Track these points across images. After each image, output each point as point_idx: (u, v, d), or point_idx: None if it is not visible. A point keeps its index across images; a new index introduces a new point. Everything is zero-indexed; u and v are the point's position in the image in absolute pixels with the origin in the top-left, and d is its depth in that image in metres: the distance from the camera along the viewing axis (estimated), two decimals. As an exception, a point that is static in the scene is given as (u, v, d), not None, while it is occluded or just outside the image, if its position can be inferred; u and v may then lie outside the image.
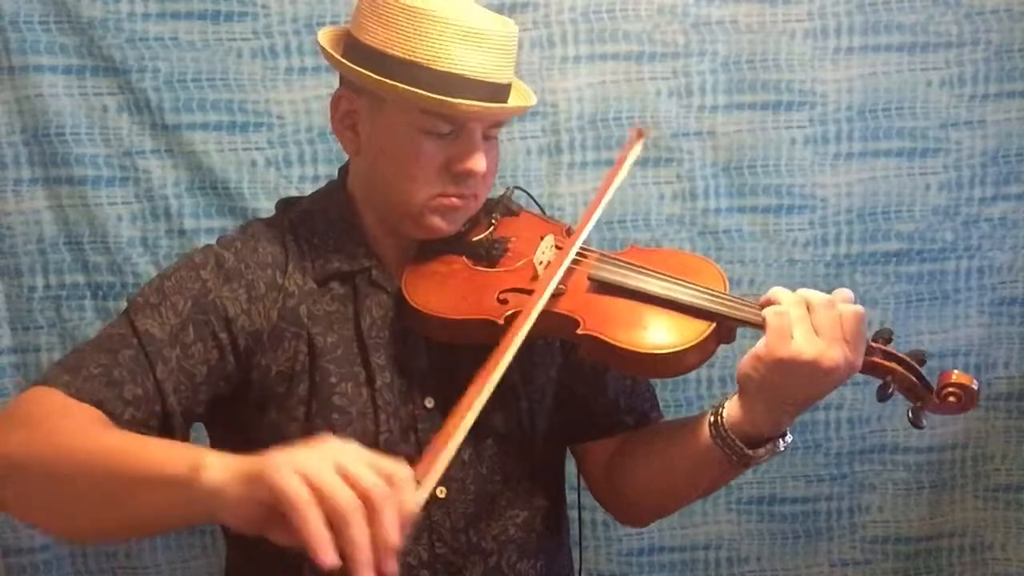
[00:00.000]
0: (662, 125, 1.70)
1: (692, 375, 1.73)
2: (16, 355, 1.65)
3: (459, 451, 1.16)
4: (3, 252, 1.63)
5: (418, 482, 0.85)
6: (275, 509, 0.78)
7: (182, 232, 1.65)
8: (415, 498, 0.82)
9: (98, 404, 1.04)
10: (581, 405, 1.27)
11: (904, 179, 1.73)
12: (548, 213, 1.63)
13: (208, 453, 0.85)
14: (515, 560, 1.22)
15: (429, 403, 1.18)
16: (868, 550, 1.82)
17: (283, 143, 1.66)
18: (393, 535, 0.77)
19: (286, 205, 1.28)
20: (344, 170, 1.27)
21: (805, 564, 1.82)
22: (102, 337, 1.12)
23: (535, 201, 1.33)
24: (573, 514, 1.34)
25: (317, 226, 1.22)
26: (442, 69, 1.09)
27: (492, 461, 1.20)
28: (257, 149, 1.66)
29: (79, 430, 0.98)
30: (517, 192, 1.32)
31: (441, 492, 1.17)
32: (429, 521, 1.17)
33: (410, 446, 1.16)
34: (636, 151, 1.27)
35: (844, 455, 1.79)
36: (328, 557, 0.75)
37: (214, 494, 0.82)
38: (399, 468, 0.80)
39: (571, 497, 1.34)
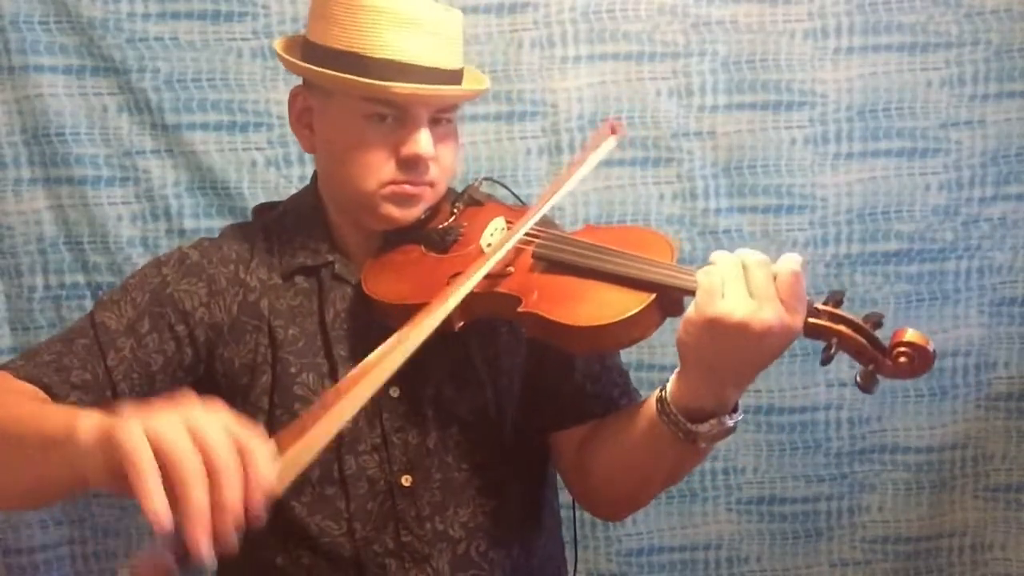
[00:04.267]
0: (662, 125, 1.70)
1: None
2: (16, 355, 1.64)
3: (424, 439, 1.18)
4: (3, 252, 1.63)
5: (283, 450, 0.80)
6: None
7: (182, 232, 1.66)
8: (270, 469, 0.76)
9: (43, 386, 1.08)
10: (549, 393, 1.25)
11: (904, 179, 1.73)
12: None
13: (88, 415, 0.82)
14: (485, 548, 1.21)
15: (394, 392, 1.18)
16: (868, 550, 1.82)
17: (283, 143, 1.66)
18: (235, 506, 0.74)
19: (260, 210, 1.33)
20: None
21: (805, 564, 1.82)
22: (64, 330, 1.19)
23: (510, 191, 1.32)
24: (569, 513, 1.33)
25: (288, 224, 1.25)
26: (378, 56, 1.11)
27: (458, 449, 1.20)
28: (257, 149, 1.66)
29: (7, 405, 1.00)
30: (502, 188, 1.32)
31: (407, 480, 1.18)
32: (395, 510, 1.18)
33: (376, 435, 1.18)
34: (609, 145, 1.26)
35: (844, 455, 1.79)
36: (160, 518, 0.71)
37: (84, 456, 0.79)
38: (255, 439, 0.77)
39: (568, 497, 1.34)
